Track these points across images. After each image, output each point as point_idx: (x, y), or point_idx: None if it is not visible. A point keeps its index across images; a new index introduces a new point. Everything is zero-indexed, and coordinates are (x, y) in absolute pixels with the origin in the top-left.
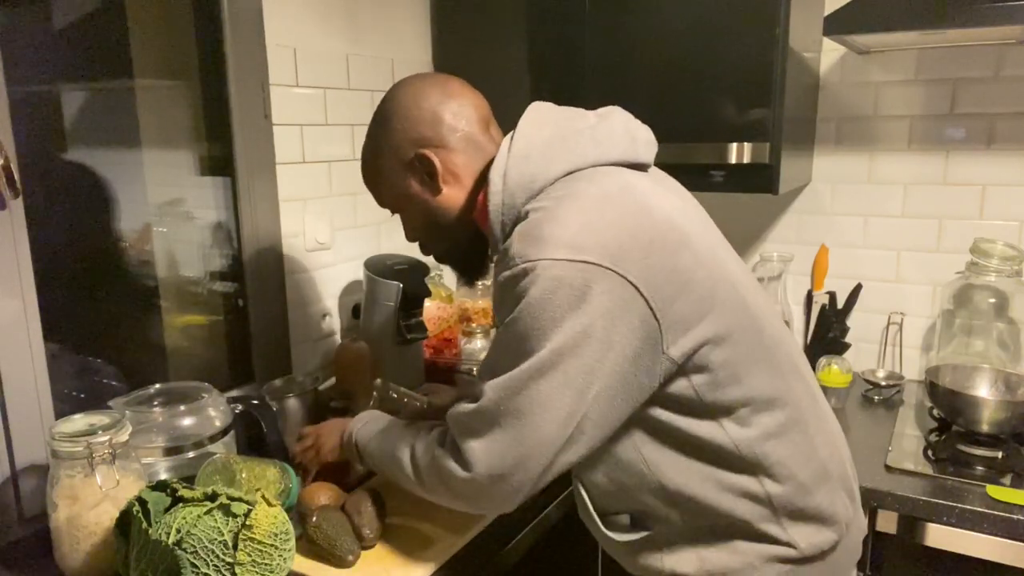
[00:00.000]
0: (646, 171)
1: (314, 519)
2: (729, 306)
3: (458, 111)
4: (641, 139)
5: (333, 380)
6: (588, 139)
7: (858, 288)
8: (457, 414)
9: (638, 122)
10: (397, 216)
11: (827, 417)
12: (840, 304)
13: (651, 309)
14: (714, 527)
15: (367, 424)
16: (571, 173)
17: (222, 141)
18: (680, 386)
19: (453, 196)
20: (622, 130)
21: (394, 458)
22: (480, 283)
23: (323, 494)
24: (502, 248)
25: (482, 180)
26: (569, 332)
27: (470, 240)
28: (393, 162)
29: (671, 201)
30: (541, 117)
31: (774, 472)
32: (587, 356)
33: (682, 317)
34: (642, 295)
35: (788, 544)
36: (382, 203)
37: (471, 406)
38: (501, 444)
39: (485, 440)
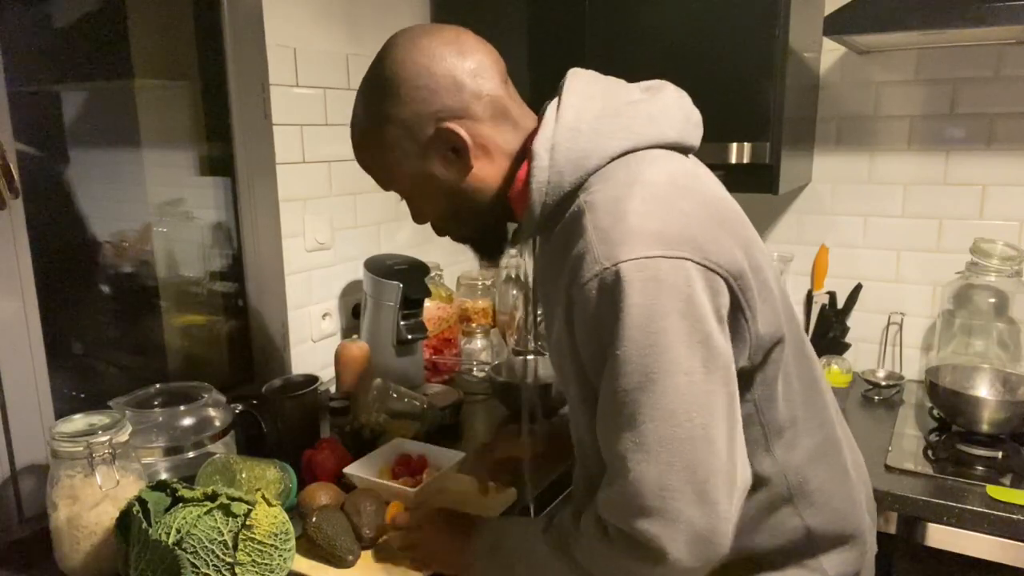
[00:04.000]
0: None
1: (314, 519)
2: (784, 311)
3: (478, 71)
4: (693, 120)
5: (333, 380)
6: (644, 116)
7: (858, 288)
8: (611, 503)
9: (690, 100)
10: (396, 217)
11: (848, 432)
12: (840, 304)
13: (743, 308)
14: (747, 563)
15: (490, 552)
16: (628, 153)
17: (222, 141)
18: (744, 399)
19: (484, 173)
20: (676, 107)
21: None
22: (480, 282)
23: (323, 494)
24: (576, 252)
25: (521, 152)
26: (691, 344)
27: (498, 219)
28: (406, 140)
29: (726, 192)
30: (587, 87)
31: (814, 499)
32: (719, 369)
33: (764, 319)
34: (735, 293)
35: (819, 571)
36: (388, 186)
37: (621, 486)
38: (683, 508)
39: (664, 516)
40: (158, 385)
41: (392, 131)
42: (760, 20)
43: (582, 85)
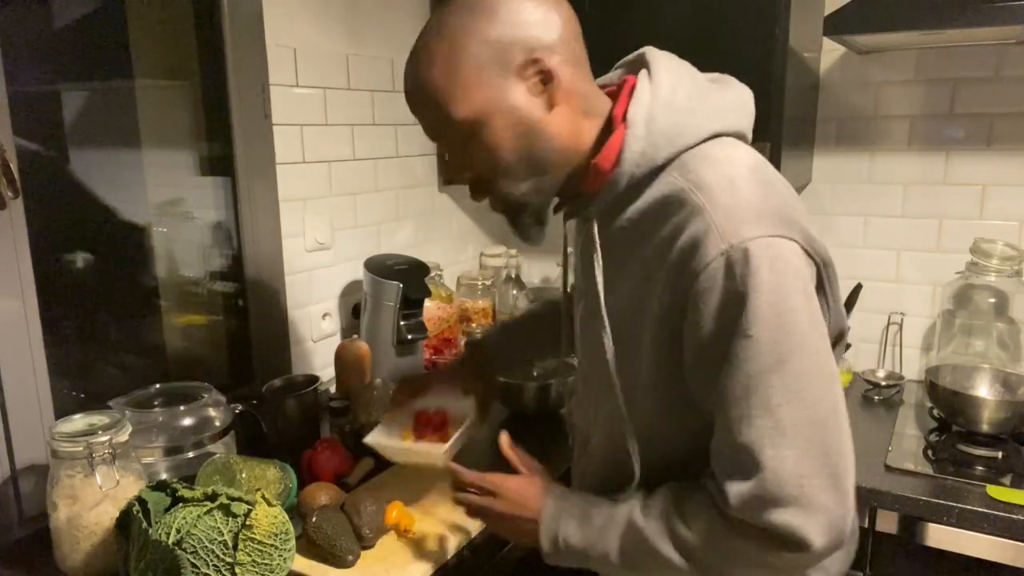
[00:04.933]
0: None
1: (314, 519)
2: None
3: (569, 20)
4: (753, 116)
5: (333, 380)
6: (728, 102)
7: (858, 288)
8: (745, 498)
9: (752, 96)
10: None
11: None
12: None
13: (826, 296)
14: None
15: (573, 523)
16: (716, 136)
17: (222, 141)
18: None
19: (561, 120)
20: (746, 100)
21: (662, 565)
22: (480, 282)
23: (323, 494)
24: (692, 232)
25: (607, 121)
26: (813, 324)
27: (557, 183)
28: (492, 62)
29: None
30: (671, 64)
31: None
32: (830, 350)
33: (836, 312)
34: (822, 281)
35: (822, 570)
36: (448, 115)
37: (758, 480)
38: (819, 494)
39: (803, 505)
40: (158, 385)
41: (479, 49)
42: (760, 20)
43: (667, 62)
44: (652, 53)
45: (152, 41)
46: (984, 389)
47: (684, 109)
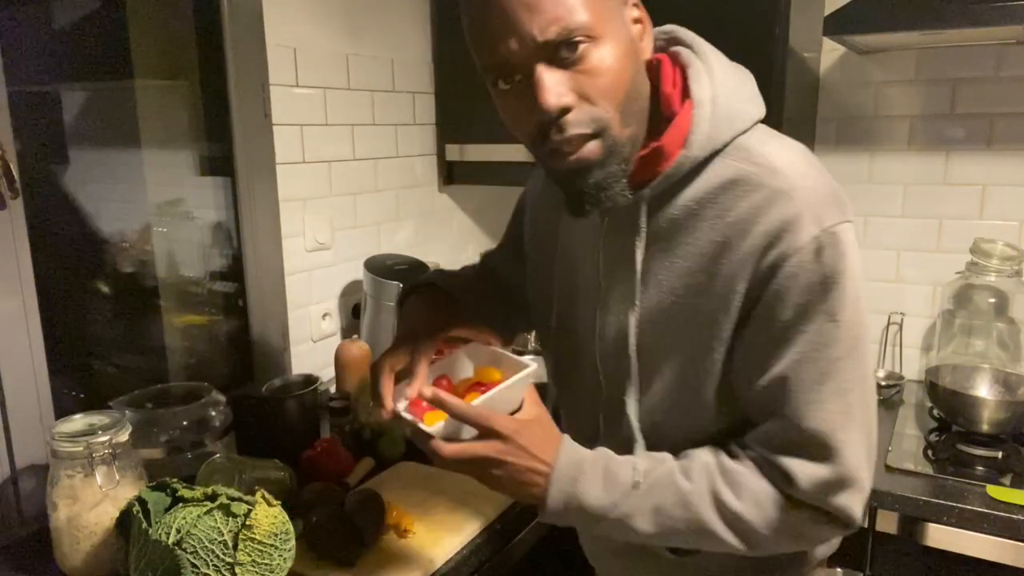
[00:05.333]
0: None
1: (314, 519)
2: None
3: None
4: None
5: (333, 380)
6: (756, 89)
7: None
8: (819, 481)
9: None
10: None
11: None
12: None
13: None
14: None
15: (597, 482)
16: (760, 122)
17: (222, 141)
18: None
19: (645, 77)
20: (757, 89)
21: (698, 530)
22: None
23: (323, 494)
24: (776, 217)
25: (655, 97)
26: (867, 316)
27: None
28: None
29: None
30: (711, 47)
31: None
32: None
33: None
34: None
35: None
36: (574, 18)
37: (831, 467)
38: (866, 476)
39: (857, 485)
40: (158, 385)
41: None
42: (760, 20)
43: (706, 42)
44: (685, 31)
45: (152, 41)
46: (984, 389)
47: (735, 92)
